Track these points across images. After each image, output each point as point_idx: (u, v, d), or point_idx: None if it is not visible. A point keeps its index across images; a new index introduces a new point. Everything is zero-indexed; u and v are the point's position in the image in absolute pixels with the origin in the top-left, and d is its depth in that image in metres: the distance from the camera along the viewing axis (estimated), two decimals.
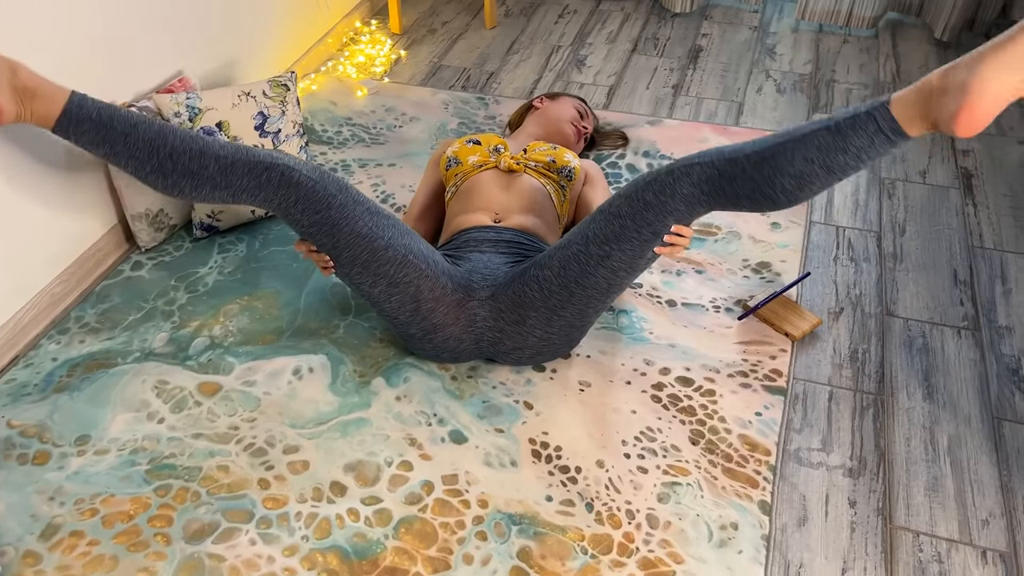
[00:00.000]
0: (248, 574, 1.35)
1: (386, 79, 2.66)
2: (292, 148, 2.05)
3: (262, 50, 2.41)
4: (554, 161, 1.88)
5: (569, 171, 1.89)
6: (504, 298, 1.57)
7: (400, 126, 2.42)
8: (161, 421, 1.59)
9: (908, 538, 1.41)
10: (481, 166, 1.86)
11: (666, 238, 1.46)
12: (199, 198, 1.54)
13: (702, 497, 1.46)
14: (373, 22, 2.96)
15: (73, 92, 1.51)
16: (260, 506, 1.45)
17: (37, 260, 1.76)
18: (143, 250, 1.98)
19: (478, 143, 1.92)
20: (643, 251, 1.47)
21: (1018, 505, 1.45)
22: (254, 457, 1.53)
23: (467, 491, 1.47)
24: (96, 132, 1.50)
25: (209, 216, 1.98)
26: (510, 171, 1.85)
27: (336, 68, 2.69)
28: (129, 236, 2.00)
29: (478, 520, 1.43)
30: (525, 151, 1.90)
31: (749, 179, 1.35)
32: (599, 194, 1.94)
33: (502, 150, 1.90)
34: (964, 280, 1.90)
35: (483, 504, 1.45)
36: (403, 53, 2.80)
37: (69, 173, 1.79)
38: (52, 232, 1.78)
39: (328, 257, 1.56)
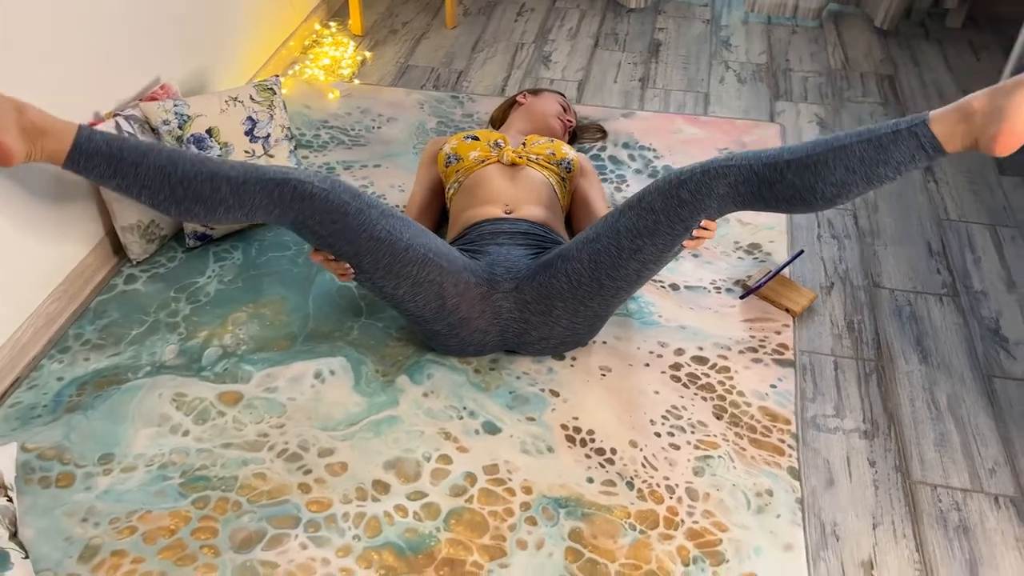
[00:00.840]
0: None
1: (356, 81, 2.65)
2: (282, 152, 2.03)
3: (229, 56, 2.37)
4: (554, 154, 1.92)
5: (568, 163, 1.93)
6: (529, 290, 1.60)
7: (378, 127, 2.42)
8: (186, 434, 1.56)
9: (927, 491, 1.51)
10: (483, 161, 1.89)
11: (694, 232, 1.52)
12: (213, 221, 1.52)
13: (734, 468, 1.52)
14: (332, 24, 2.94)
15: (80, 126, 1.49)
16: (305, 510, 1.44)
17: (28, 279, 1.69)
18: (134, 263, 1.93)
19: (476, 139, 1.94)
20: (673, 244, 1.52)
21: (1018, 453, 1.57)
22: (289, 462, 1.52)
23: (510, 479, 1.50)
24: (107, 165, 1.48)
25: (203, 225, 1.94)
26: (513, 165, 1.88)
27: (303, 71, 2.66)
28: (117, 249, 1.94)
29: (525, 506, 1.45)
30: (524, 144, 1.94)
31: (790, 185, 1.42)
32: (593, 186, 1.99)
33: (503, 144, 1.92)
34: (938, 251, 2.03)
35: (527, 491, 1.48)
36: (368, 54, 2.79)
37: (54, 188, 1.72)
38: (40, 249, 1.71)
39: (347, 265, 1.56)
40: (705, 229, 1.52)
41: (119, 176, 1.48)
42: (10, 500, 1.38)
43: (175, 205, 1.49)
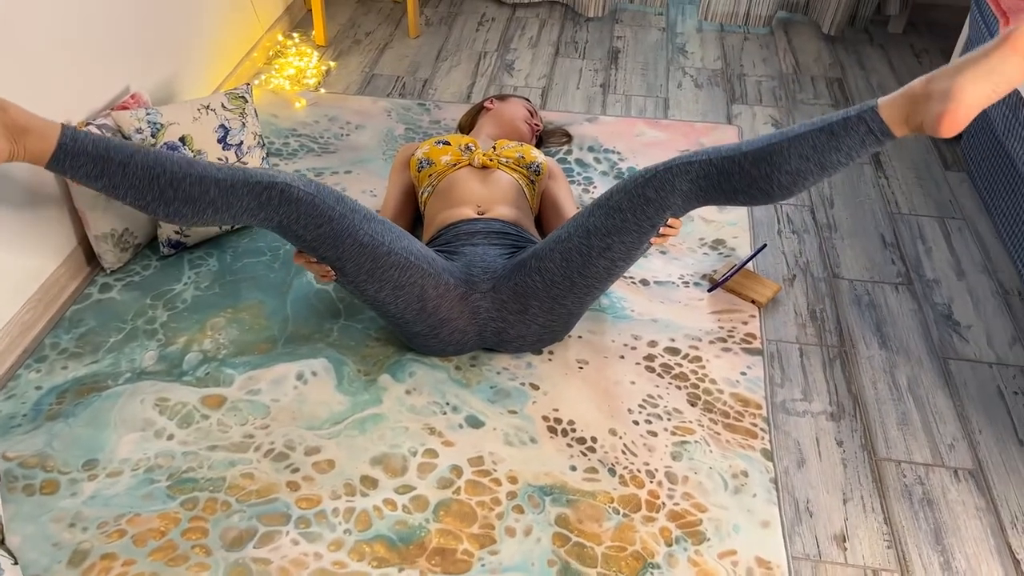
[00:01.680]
0: (298, 573, 1.36)
1: (322, 90, 2.67)
2: (255, 159, 2.05)
3: (196, 66, 2.38)
4: (523, 157, 1.97)
5: (537, 166, 1.98)
6: (506, 289, 1.64)
7: (347, 134, 2.45)
8: (171, 437, 1.57)
9: (892, 467, 1.58)
10: (455, 164, 1.93)
11: (660, 229, 1.57)
12: (200, 222, 1.53)
13: (710, 452, 1.58)
14: (295, 35, 2.96)
15: (64, 125, 1.47)
16: (294, 507, 1.46)
17: (1, 290, 1.68)
18: (108, 272, 1.92)
19: (448, 143, 1.98)
20: (641, 241, 1.58)
21: (974, 428, 1.66)
22: (277, 462, 1.53)
23: (495, 470, 1.53)
24: (93, 165, 1.47)
25: (177, 232, 1.95)
26: (483, 167, 1.92)
27: (268, 81, 2.68)
28: (91, 259, 1.93)
29: (511, 495, 1.49)
30: (494, 148, 1.98)
31: (748, 176, 1.47)
32: (561, 188, 2.05)
33: (473, 148, 1.97)
34: (891, 243, 2.13)
35: (513, 480, 1.52)
36: (333, 64, 2.82)
37: (25, 198, 1.72)
38: (13, 259, 1.70)
39: (328, 267, 1.58)
40: (671, 227, 1.58)
41: (106, 176, 1.48)
42: None
43: (163, 206, 1.50)
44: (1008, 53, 1.28)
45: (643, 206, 1.54)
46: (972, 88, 1.29)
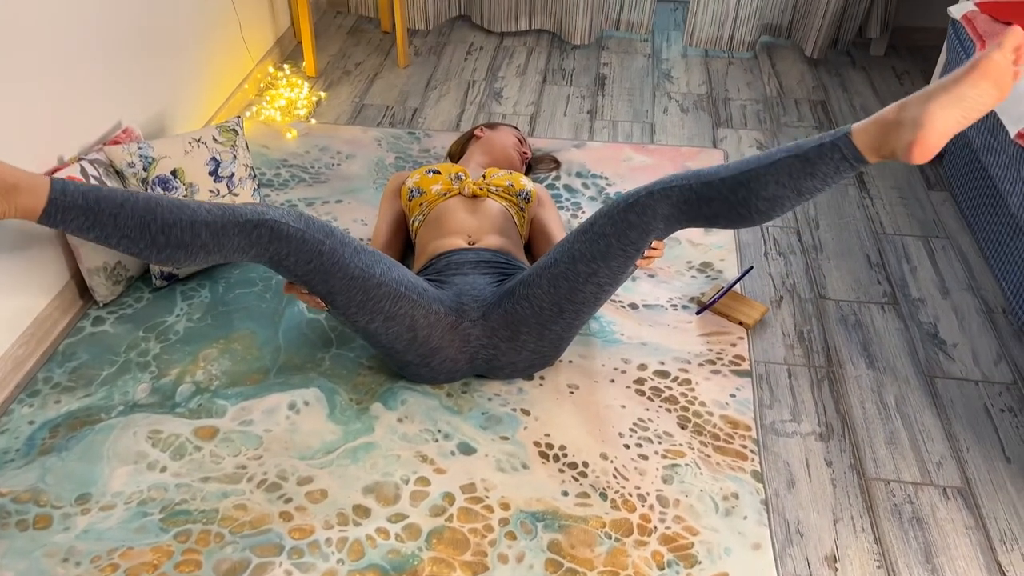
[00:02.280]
0: None
1: (312, 120, 2.70)
2: (246, 191, 2.07)
3: (187, 100, 2.41)
4: (512, 185, 2.00)
5: (526, 194, 2.01)
6: (496, 317, 1.66)
7: (338, 164, 2.47)
8: (163, 470, 1.57)
9: (881, 486, 1.59)
10: (445, 194, 1.95)
11: (645, 252, 1.60)
12: (191, 264, 1.55)
13: (701, 474, 1.59)
14: (286, 66, 3.00)
15: (53, 180, 1.48)
16: (287, 537, 1.46)
17: None
18: (101, 305, 1.93)
19: (438, 172, 2.01)
20: (627, 265, 1.60)
21: (962, 447, 1.68)
22: (269, 492, 1.54)
23: (487, 497, 1.54)
24: (85, 218, 1.48)
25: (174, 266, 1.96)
26: (474, 196, 1.95)
27: (259, 113, 2.71)
28: (83, 292, 1.95)
29: (504, 522, 1.50)
30: (484, 177, 2.01)
31: (725, 201, 1.50)
32: (550, 214, 2.07)
33: (463, 177, 1.99)
34: (876, 263, 2.16)
35: (505, 507, 1.53)
36: (323, 95, 2.85)
37: (16, 233, 1.73)
38: (5, 294, 1.72)
39: (319, 299, 1.60)
40: (655, 249, 1.60)
41: (98, 228, 1.49)
42: None
43: (156, 252, 1.51)
44: (977, 79, 1.30)
45: (626, 231, 1.56)
46: (942, 115, 1.31)
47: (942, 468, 1.63)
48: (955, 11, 2.28)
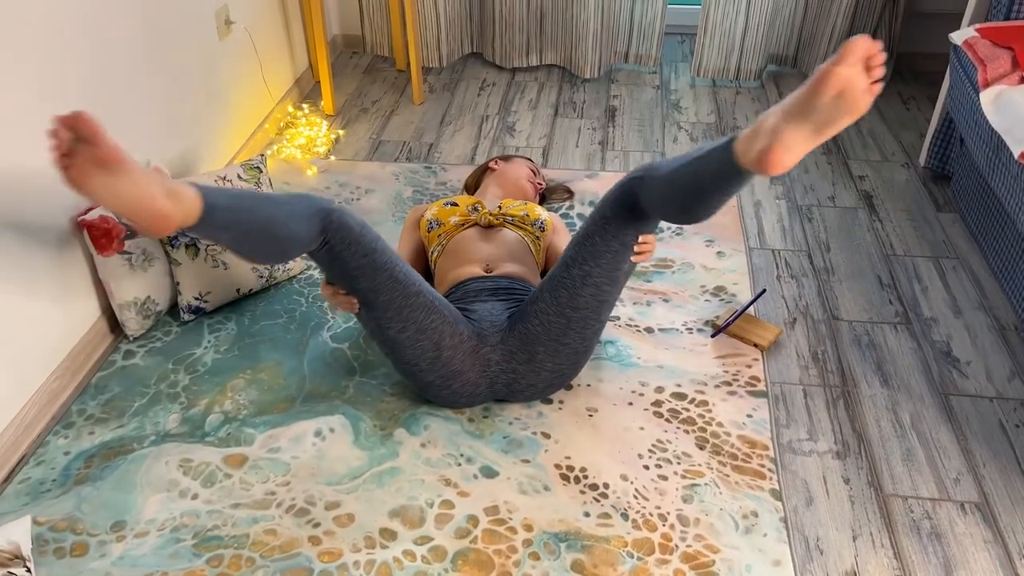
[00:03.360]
0: None
1: (332, 157, 2.78)
2: None
3: (211, 139, 2.49)
4: (527, 215, 2.05)
5: (541, 223, 2.06)
6: (512, 340, 1.70)
7: (357, 199, 2.54)
8: (195, 497, 1.61)
9: (899, 503, 1.61)
10: (463, 224, 2.01)
11: (635, 248, 1.64)
12: (281, 260, 1.57)
13: (720, 493, 1.62)
14: (305, 105, 3.08)
15: (197, 184, 1.46)
16: (316, 561, 1.50)
17: (33, 359, 1.75)
18: (131, 339, 1.99)
19: (455, 204, 2.07)
20: (618, 263, 1.65)
21: (978, 462, 1.69)
22: (298, 517, 1.58)
23: (510, 519, 1.57)
24: (223, 223, 1.46)
25: (196, 298, 2.03)
26: (490, 226, 2.00)
27: (280, 151, 2.79)
28: (114, 327, 2.01)
29: (527, 543, 1.53)
30: (500, 207, 2.07)
31: (676, 211, 1.50)
32: (563, 242, 2.12)
33: (480, 208, 2.05)
34: (888, 284, 2.19)
35: (528, 528, 1.56)
36: (342, 132, 2.94)
37: (52, 270, 1.80)
38: (44, 329, 1.78)
39: (354, 300, 1.65)
40: (644, 243, 1.65)
41: (232, 229, 1.47)
42: (29, 571, 1.42)
43: (261, 258, 1.54)
44: (822, 92, 1.21)
45: (604, 226, 1.62)
46: (793, 128, 1.24)
47: (959, 484, 1.65)
48: (956, 37, 2.33)
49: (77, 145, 1.26)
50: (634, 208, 1.59)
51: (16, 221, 1.67)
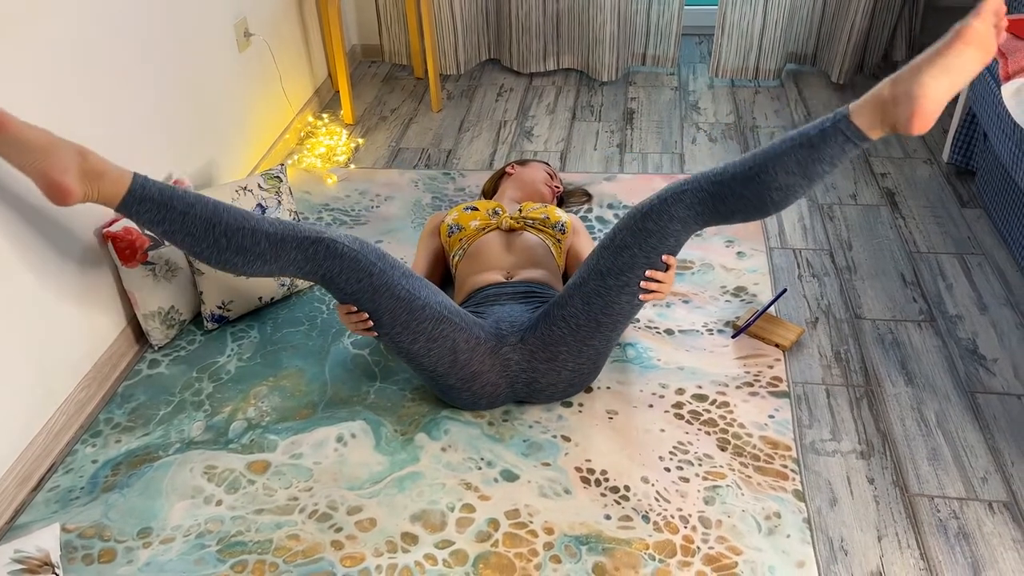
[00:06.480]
0: None
1: (351, 166, 2.80)
2: None
3: (232, 150, 2.53)
4: (548, 218, 2.06)
5: (562, 225, 2.06)
6: (533, 340, 1.71)
7: (377, 206, 2.56)
8: (219, 503, 1.63)
9: (925, 503, 1.59)
10: (484, 228, 2.02)
11: (644, 284, 1.63)
12: (247, 272, 1.64)
13: (742, 495, 1.61)
14: (324, 115, 3.12)
15: (135, 174, 1.60)
16: (339, 566, 1.51)
17: (58, 370, 1.79)
18: (156, 348, 2.02)
19: (476, 209, 2.08)
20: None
21: (1007, 461, 1.67)
22: (321, 522, 1.59)
23: (531, 522, 1.57)
24: (157, 211, 1.59)
25: (219, 307, 2.05)
26: (511, 230, 2.01)
27: (301, 161, 2.82)
28: (139, 337, 2.04)
29: (548, 546, 1.53)
30: (520, 211, 2.07)
31: (739, 197, 1.55)
32: (584, 244, 2.12)
33: (500, 212, 2.06)
34: (912, 281, 2.16)
35: (549, 531, 1.56)
36: (361, 140, 2.96)
37: (79, 282, 1.83)
38: (70, 340, 1.81)
39: (368, 321, 1.67)
40: (661, 283, 1.65)
41: (167, 222, 1.60)
42: None
43: (217, 254, 1.61)
44: (962, 48, 1.38)
45: (646, 238, 1.62)
46: (933, 84, 1.39)
47: (987, 483, 1.63)
48: None
49: None
50: (684, 219, 1.59)
51: (42, 234, 1.71)
